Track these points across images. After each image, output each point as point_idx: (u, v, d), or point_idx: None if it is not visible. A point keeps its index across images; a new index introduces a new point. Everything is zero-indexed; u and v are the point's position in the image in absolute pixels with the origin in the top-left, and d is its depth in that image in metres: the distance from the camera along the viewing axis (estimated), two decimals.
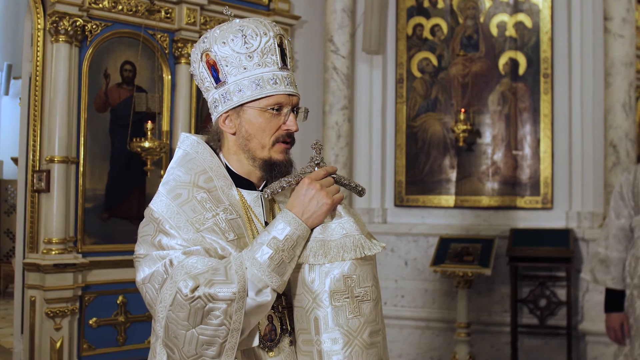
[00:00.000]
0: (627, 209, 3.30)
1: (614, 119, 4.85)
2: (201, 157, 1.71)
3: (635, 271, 3.21)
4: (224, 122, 1.70)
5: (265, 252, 1.52)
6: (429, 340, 5.34)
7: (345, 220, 1.60)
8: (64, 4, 4.49)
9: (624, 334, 3.28)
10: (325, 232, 1.59)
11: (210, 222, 1.60)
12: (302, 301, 1.58)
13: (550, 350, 5.05)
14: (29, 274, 4.53)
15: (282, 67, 1.68)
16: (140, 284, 1.61)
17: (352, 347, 1.54)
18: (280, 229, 1.55)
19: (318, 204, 1.57)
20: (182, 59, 5.07)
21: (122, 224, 4.85)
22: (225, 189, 1.69)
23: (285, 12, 5.68)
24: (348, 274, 1.55)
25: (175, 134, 5.05)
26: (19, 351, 4.74)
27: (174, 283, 1.49)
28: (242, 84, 1.66)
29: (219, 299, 1.47)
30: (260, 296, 1.51)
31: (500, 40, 5.47)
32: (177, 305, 1.48)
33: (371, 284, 1.58)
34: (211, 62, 1.69)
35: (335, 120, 5.42)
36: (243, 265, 1.52)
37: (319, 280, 1.56)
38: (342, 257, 1.55)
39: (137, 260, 1.63)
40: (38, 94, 4.56)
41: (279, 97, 1.66)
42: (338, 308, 1.54)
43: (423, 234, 5.45)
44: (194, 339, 1.49)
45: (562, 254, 4.88)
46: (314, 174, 1.62)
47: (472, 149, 5.48)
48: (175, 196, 1.63)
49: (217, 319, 1.47)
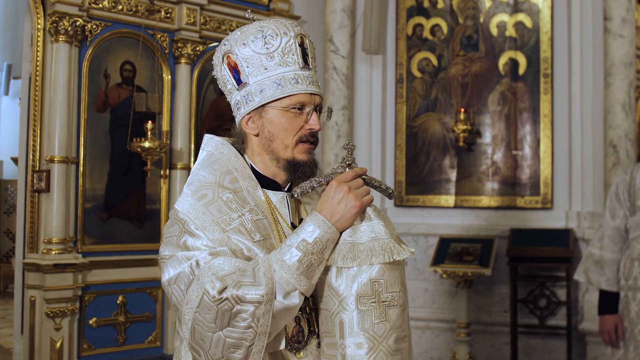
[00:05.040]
0: (623, 209, 3.26)
1: (613, 119, 4.85)
2: (226, 158, 1.70)
3: (630, 273, 3.17)
4: (247, 124, 1.69)
5: (294, 255, 1.49)
6: (429, 340, 5.34)
7: (375, 223, 1.57)
8: (64, 4, 4.49)
9: (618, 337, 3.22)
10: (355, 234, 1.56)
11: (236, 223, 1.58)
12: (328, 304, 1.55)
13: (550, 350, 5.05)
14: (28, 274, 4.53)
15: (304, 67, 1.67)
16: (165, 285, 1.58)
17: (377, 352, 1.51)
18: (309, 231, 1.52)
19: (347, 207, 1.54)
20: (182, 59, 5.07)
21: (122, 224, 4.86)
22: (250, 189, 1.67)
23: (285, 12, 5.68)
24: (376, 278, 1.52)
25: (175, 134, 5.06)
26: (18, 351, 4.74)
27: (200, 284, 1.47)
28: (263, 84, 1.64)
29: (246, 301, 1.44)
30: (288, 299, 1.49)
31: (500, 40, 5.47)
32: (204, 306, 1.45)
33: (399, 290, 1.56)
34: (232, 64, 1.68)
35: (335, 120, 5.42)
36: (271, 268, 1.49)
37: (346, 283, 1.53)
38: (370, 261, 1.52)
39: (162, 262, 1.60)
40: (38, 94, 4.56)
41: (300, 96, 1.64)
42: (364, 312, 1.51)
43: (423, 234, 5.45)
44: (220, 342, 1.46)
45: (562, 254, 4.88)
46: (343, 175, 1.59)
47: (472, 149, 5.48)
48: (200, 196, 1.61)
49: (244, 322, 1.45)
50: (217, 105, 5.33)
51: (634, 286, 3.15)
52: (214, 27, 5.28)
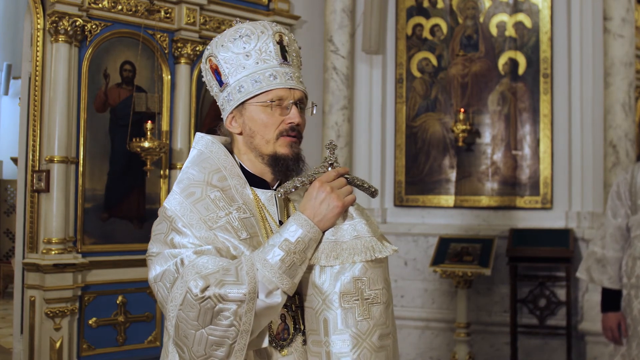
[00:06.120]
0: (624, 208, 3.31)
1: (613, 119, 4.85)
2: (215, 157, 1.72)
3: (633, 271, 3.22)
4: (231, 123, 1.73)
5: (276, 254, 1.52)
6: (429, 340, 5.34)
7: (357, 221, 1.60)
8: (63, 4, 4.49)
9: (620, 334, 3.28)
10: (337, 233, 1.59)
11: (223, 221, 1.60)
12: (312, 302, 1.58)
13: (550, 350, 5.05)
14: (28, 274, 4.52)
15: (283, 63, 1.69)
16: (152, 282, 1.61)
17: (361, 349, 1.53)
18: (292, 231, 1.55)
19: (329, 207, 1.57)
20: (181, 59, 5.07)
21: (122, 224, 4.85)
22: (239, 187, 1.69)
23: (285, 12, 5.68)
24: (358, 276, 1.55)
25: (175, 134, 5.05)
26: (18, 351, 4.74)
27: (184, 282, 1.49)
28: (242, 83, 1.68)
29: (229, 299, 1.47)
30: (270, 298, 1.51)
31: (499, 40, 5.47)
32: (187, 304, 1.48)
33: (382, 287, 1.58)
34: (214, 67, 1.73)
35: (335, 120, 5.42)
36: (254, 267, 1.51)
37: (330, 281, 1.56)
38: (352, 259, 1.55)
39: (149, 259, 1.63)
40: (38, 94, 4.56)
41: (278, 91, 1.67)
42: (347, 310, 1.54)
43: (423, 234, 5.45)
44: (203, 339, 1.49)
45: (562, 254, 4.88)
46: (325, 175, 1.62)
47: (472, 149, 5.48)
48: (188, 194, 1.64)
49: (226, 320, 1.47)
50: (217, 105, 5.33)
51: (636, 284, 3.20)
52: (214, 27, 5.28)
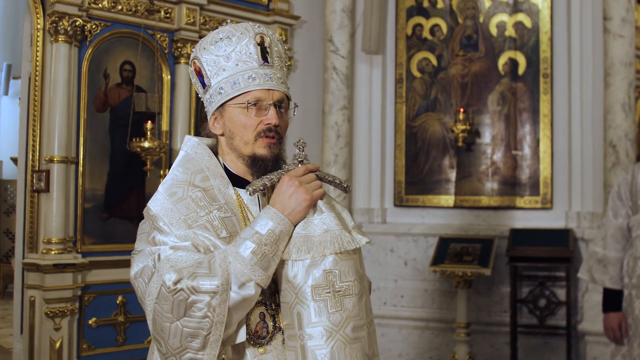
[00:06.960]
0: (625, 208, 3.31)
1: (613, 119, 4.85)
2: (199, 158, 1.76)
3: (634, 271, 3.22)
4: (214, 125, 1.77)
5: (248, 247, 1.55)
6: (429, 340, 5.34)
7: (326, 215, 1.63)
8: (63, 4, 4.49)
9: (622, 334, 3.28)
10: (308, 227, 1.62)
11: (203, 220, 1.64)
12: (286, 297, 1.61)
13: (549, 350, 5.05)
14: (28, 274, 4.52)
15: (263, 65, 1.72)
16: (132, 279, 1.64)
17: (335, 341, 1.56)
18: (262, 224, 1.59)
19: (297, 201, 1.61)
20: (181, 59, 5.07)
21: (122, 224, 4.85)
22: (222, 188, 1.73)
23: (285, 12, 5.68)
24: (329, 269, 1.58)
25: (175, 134, 5.05)
26: (18, 351, 4.74)
27: (159, 276, 1.54)
28: (222, 85, 1.72)
29: (202, 291, 1.50)
30: (243, 289, 1.54)
31: (499, 40, 5.48)
32: (162, 297, 1.52)
33: (353, 279, 1.61)
34: (197, 69, 1.77)
35: (335, 120, 5.42)
36: (227, 259, 1.55)
37: (301, 275, 1.58)
38: (323, 252, 1.58)
39: (132, 257, 1.68)
40: (37, 94, 4.56)
41: (256, 92, 1.70)
42: (320, 303, 1.57)
43: (422, 234, 5.45)
44: (178, 331, 1.52)
45: (562, 254, 4.89)
46: (294, 171, 1.66)
47: (472, 149, 5.48)
48: (170, 194, 1.68)
49: (200, 312, 1.51)
50: None
51: (638, 284, 3.20)
52: (214, 27, 5.24)
